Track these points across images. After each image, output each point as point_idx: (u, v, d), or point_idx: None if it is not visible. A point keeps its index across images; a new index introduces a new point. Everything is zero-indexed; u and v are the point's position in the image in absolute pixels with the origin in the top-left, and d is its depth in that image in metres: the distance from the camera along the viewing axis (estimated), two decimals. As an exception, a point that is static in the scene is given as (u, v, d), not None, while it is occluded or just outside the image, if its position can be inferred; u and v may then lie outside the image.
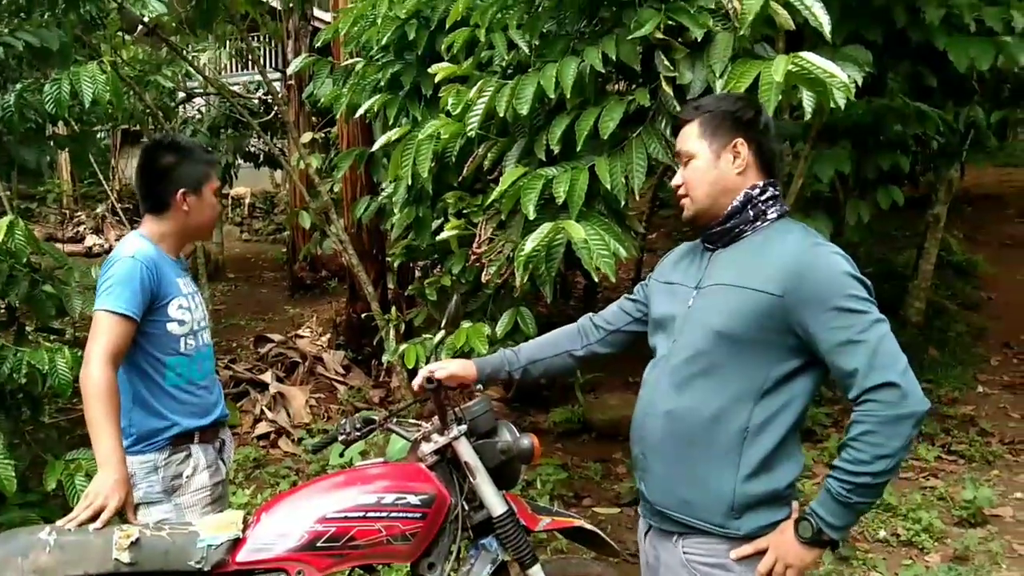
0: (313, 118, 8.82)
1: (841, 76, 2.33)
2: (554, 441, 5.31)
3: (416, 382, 2.11)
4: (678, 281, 1.89)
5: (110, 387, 2.01)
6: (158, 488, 2.22)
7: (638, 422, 1.89)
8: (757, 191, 1.77)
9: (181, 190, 2.28)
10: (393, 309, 4.69)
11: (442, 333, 3.77)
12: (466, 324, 3.77)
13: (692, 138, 1.81)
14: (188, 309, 2.29)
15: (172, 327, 2.25)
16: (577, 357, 2.14)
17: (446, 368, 2.12)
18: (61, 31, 3.87)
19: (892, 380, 1.55)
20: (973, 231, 9.81)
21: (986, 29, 3.98)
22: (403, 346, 4.20)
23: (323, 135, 7.56)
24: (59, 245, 10.91)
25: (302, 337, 6.46)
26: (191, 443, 2.28)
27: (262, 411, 5.16)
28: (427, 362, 4.28)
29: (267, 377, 5.51)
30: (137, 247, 2.24)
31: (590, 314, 2.18)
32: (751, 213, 1.77)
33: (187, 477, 2.25)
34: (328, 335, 6.56)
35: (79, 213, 13.47)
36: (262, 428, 5.02)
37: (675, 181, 1.87)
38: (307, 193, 6.06)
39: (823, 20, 2.44)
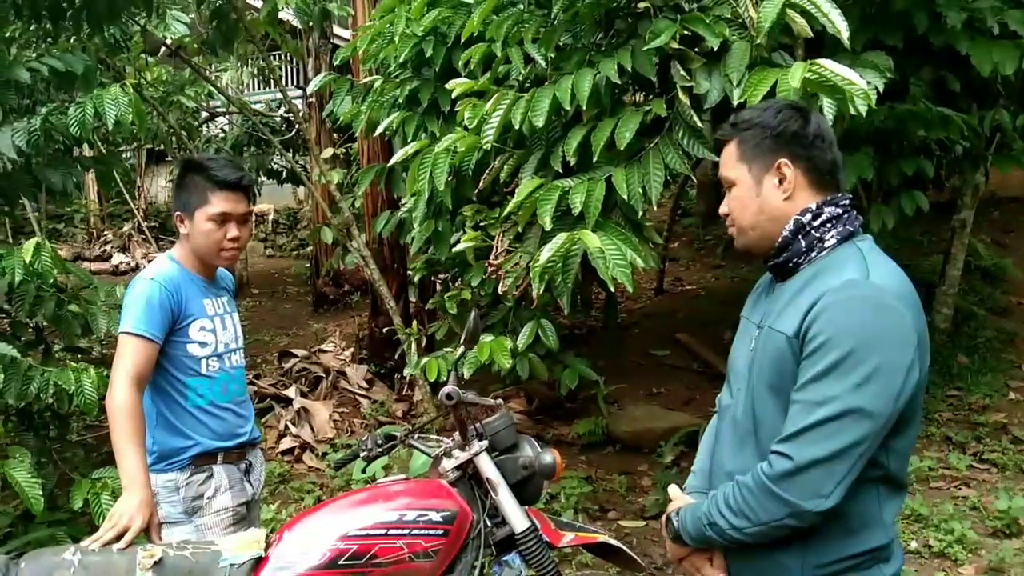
0: (334, 135, 8.91)
1: (860, 83, 2.30)
2: (578, 453, 5.28)
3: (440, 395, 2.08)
4: (748, 316, 1.72)
5: (134, 409, 2.03)
6: (179, 508, 2.23)
7: (712, 480, 1.73)
8: (809, 216, 1.53)
9: (177, 212, 2.30)
10: (415, 323, 4.70)
11: (462, 349, 3.77)
12: (487, 338, 3.77)
13: (731, 162, 1.61)
14: (212, 331, 2.30)
15: (193, 348, 2.26)
16: None
17: None
18: (85, 55, 3.94)
19: (793, 457, 1.40)
20: (1001, 235, 9.66)
21: (1009, 32, 3.93)
22: (424, 359, 4.22)
23: (344, 151, 7.63)
24: (86, 264, 11.10)
25: (325, 352, 6.49)
26: (214, 464, 2.29)
27: (286, 426, 5.19)
28: (448, 375, 4.30)
29: (291, 392, 5.54)
30: (158, 269, 2.26)
31: None
32: (803, 243, 1.54)
33: (208, 498, 2.26)
34: (351, 349, 6.59)
35: (106, 232, 13.65)
36: (286, 443, 5.05)
37: (721, 209, 1.67)
38: (328, 209, 6.11)
39: (841, 27, 2.41)
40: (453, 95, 3.06)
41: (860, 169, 4.43)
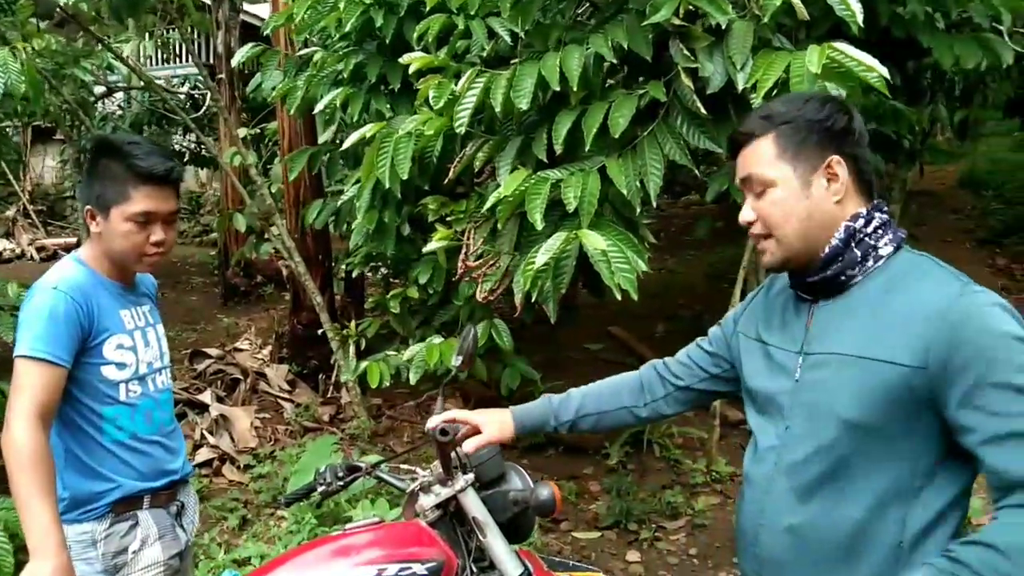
0: (243, 114, 8.32)
1: (880, 70, 2.10)
2: (519, 456, 5.01)
3: (431, 425, 1.76)
4: (775, 343, 1.47)
5: (40, 452, 1.62)
6: (97, 567, 1.83)
7: (748, 534, 1.47)
8: (861, 222, 1.35)
9: (87, 206, 1.87)
10: (353, 324, 4.31)
11: (412, 349, 3.45)
12: (437, 339, 3.45)
13: (767, 160, 1.38)
14: (131, 349, 1.91)
15: (108, 371, 1.86)
16: (639, 416, 1.75)
17: (479, 439, 1.72)
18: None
19: None
20: (913, 228, 9.95)
21: (952, 25, 3.88)
22: (363, 363, 3.86)
23: (257, 131, 7.12)
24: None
25: (241, 350, 5.98)
26: (139, 509, 1.89)
27: (203, 436, 4.70)
28: (391, 380, 3.95)
29: (206, 397, 5.04)
30: (62, 274, 1.84)
31: (655, 362, 1.77)
32: (858, 252, 1.35)
33: (133, 552, 1.86)
34: (269, 347, 6.11)
35: (-13, 216, 12.53)
36: (203, 455, 4.56)
37: (745, 217, 1.43)
38: (245, 193, 5.61)
39: (856, 9, 2.20)
40: (410, 70, 2.69)
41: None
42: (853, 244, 1.35)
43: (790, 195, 1.37)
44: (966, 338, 1.21)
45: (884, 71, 2.11)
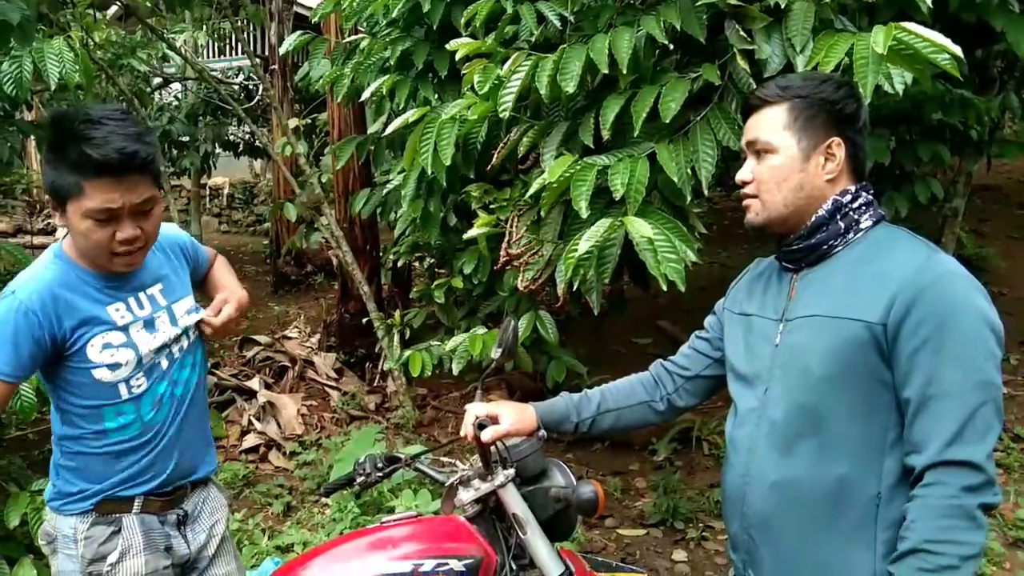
0: (296, 105, 8.38)
1: (954, 49, 1.97)
2: (564, 451, 4.95)
3: (467, 430, 1.72)
4: (755, 312, 1.59)
5: None
6: (78, 566, 1.70)
7: (734, 494, 1.58)
8: (848, 197, 1.46)
9: (47, 195, 1.64)
10: (397, 313, 4.29)
11: (455, 340, 3.41)
12: (481, 330, 3.41)
13: (775, 127, 1.47)
14: (126, 345, 1.69)
15: (100, 374, 1.67)
16: (658, 411, 1.81)
17: (499, 429, 1.70)
18: (22, 3, 3.43)
19: (981, 465, 1.28)
20: (978, 224, 9.58)
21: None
22: (407, 353, 3.84)
23: (308, 122, 7.16)
24: (28, 237, 10.38)
25: (290, 338, 6.03)
26: (125, 513, 1.73)
27: (250, 422, 4.75)
28: (435, 370, 3.92)
29: (254, 384, 5.09)
30: (30, 274, 1.65)
31: (661, 359, 1.87)
32: (841, 224, 1.46)
33: (110, 565, 1.70)
34: (318, 336, 6.15)
35: (50, 203, 12.88)
36: (250, 441, 4.61)
37: (742, 176, 1.53)
38: (296, 183, 5.64)
39: (925, -15, 2.08)
40: (457, 56, 2.64)
41: (877, 153, 4.14)
42: (838, 216, 1.46)
43: (788, 164, 1.46)
44: (927, 298, 1.31)
45: (957, 50, 1.98)
